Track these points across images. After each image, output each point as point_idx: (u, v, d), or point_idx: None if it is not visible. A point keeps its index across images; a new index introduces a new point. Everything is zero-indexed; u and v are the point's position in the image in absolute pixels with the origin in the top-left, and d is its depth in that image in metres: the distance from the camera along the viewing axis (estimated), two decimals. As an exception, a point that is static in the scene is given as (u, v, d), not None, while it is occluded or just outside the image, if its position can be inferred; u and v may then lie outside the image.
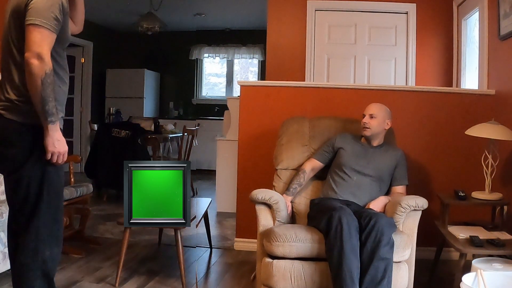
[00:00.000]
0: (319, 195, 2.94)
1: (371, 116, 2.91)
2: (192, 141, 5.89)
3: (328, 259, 2.33)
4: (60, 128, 1.98)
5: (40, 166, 1.93)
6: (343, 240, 2.27)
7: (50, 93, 1.83)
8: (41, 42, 1.81)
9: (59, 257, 2.07)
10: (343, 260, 2.24)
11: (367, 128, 2.90)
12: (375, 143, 2.97)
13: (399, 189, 2.88)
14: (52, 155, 1.91)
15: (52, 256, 2.00)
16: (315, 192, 3.01)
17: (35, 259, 1.94)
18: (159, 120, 6.64)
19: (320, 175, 3.07)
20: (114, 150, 5.41)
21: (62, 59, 2.01)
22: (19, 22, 1.86)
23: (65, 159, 1.97)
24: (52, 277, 2.02)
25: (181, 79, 8.89)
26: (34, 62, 1.79)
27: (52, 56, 1.89)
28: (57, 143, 1.90)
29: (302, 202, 2.98)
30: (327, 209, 2.47)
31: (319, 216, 2.52)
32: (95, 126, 6.08)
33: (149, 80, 8.48)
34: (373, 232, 2.30)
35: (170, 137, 6.43)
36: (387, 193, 2.92)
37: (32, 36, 1.81)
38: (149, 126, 6.19)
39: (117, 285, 2.87)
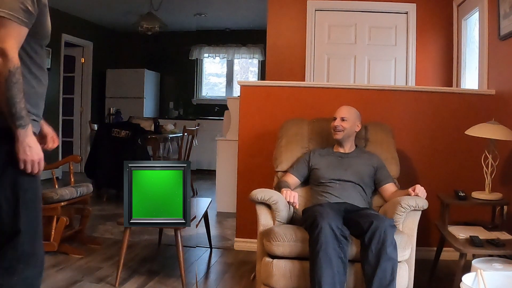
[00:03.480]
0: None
1: (343, 119, 2.94)
2: (192, 141, 5.89)
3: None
4: (35, 133, 1.74)
5: (12, 175, 1.69)
6: (317, 248, 2.26)
7: (16, 93, 1.61)
8: (5, 36, 1.58)
9: (41, 278, 1.79)
10: (314, 269, 2.25)
11: (339, 131, 2.93)
12: (348, 147, 3.00)
13: (391, 186, 2.90)
14: (25, 163, 1.67)
15: (32, 277, 1.74)
16: (309, 201, 2.99)
17: (9, 279, 1.68)
18: (159, 120, 6.64)
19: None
20: (114, 150, 5.41)
21: (39, 57, 1.78)
22: None
23: (42, 167, 1.72)
24: None
25: (181, 79, 8.90)
26: None
27: (26, 52, 1.69)
28: (28, 149, 1.66)
29: (300, 209, 2.96)
30: (313, 214, 2.47)
31: (306, 219, 2.53)
32: (95, 126, 6.09)
33: (149, 80, 8.49)
34: (377, 233, 2.29)
35: (170, 137, 6.43)
36: (374, 193, 2.95)
37: None
38: (149, 126, 6.19)
39: (117, 285, 2.87)
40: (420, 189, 2.61)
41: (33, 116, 1.75)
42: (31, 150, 1.67)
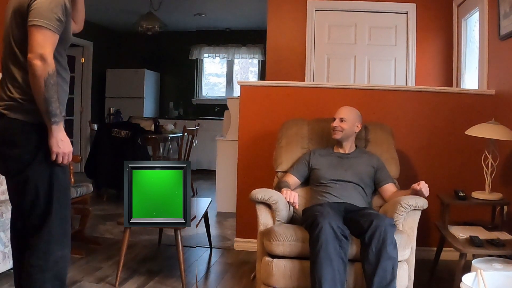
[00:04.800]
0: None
1: (342, 120, 2.94)
2: (192, 141, 5.89)
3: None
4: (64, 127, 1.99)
5: (47, 166, 1.92)
6: (318, 248, 2.26)
7: (53, 94, 1.83)
8: (44, 43, 1.81)
9: (69, 256, 2.06)
10: (315, 269, 2.25)
11: (338, 131, 2.93)
12: (347, 147, 3.00)
13: (391, 186, 2.90)
14: (57, 155, 1.90)
15: (63, 256, 1.98)
16: (309, 201, 2.99)
17: (46, 260, 1.93)
18: (159, 120, 6.64)
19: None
20: (114, 150, 5.41)
21: (63, 59, 2.02)
22: (21, 22, 1.86)
23: (70, 159, 1.96)
24: (64, 279, 2.00)
25: (181, 79, 8.90)
26: (37, 63, 1.79)
27: (54, 56, 1.89)
28: (61, 143, 1.89)
29: (300, 209, 2.95)
30: (313, 213, 2.47)
31: (306, 219, 2.54)
32: (95, 126, 6.09)
33: (149, 80, 8.49)
34: (377, 232, 2.29)
35: (170, 137, 6.44)
36: (374, 193, 2.95)
37: (35, 37, 1.81)
38: (149, 126, 6.19)
39: (117, 285, 2.87)
40: (424, 186, 2.60)
41: (63, 112, 1.99)
42: (63, 144, 1.91)
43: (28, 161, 1.89)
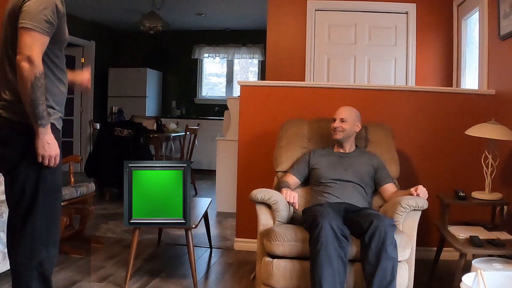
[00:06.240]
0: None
1: (342, 120, 2.95)
2: (195, 140, 5.90)
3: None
4: (58, 129, 2.00)
5: (36, 166, 1.93)
6: (318, 248, 2.26)
7: (40, 96, 1.83)
8: (32, 45, 1.81)
9: (56, 258, 2.08)
10: (315, 269, 2.26)
11: (340, 132, 2.94)
12: (348, 147, 3.00)
13: (391, 186, 2.91)
14: (43, 158, 1.91)
15: (49, 257, 2.00)
16: (309, 201, 3.00)
17: (31, 259, 1.95)
18: (162, 119, 6.65)
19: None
20: (117, 149, 5.42)
21: (60, 60, 2.02)
22: (14, 24, 1.87)
23: (57, 162, 1.97)
24: (49, 278, 2.03)
25: (183, 78, 8.90)
26: (24, 65, 1.80)
27: (49, 57, 1.90)
28: (47, 146, 1.90)
29: (300, 209, 2.96)
30: (313, 214, 2.47)
31: (306, 219, 2.54)
32: (97, 125, 6.10)
33: (152, 79, 8.49)
34: (377, 232, 2.29)
35: (173, 136, 6.44)
36: (374, 193, 2.96)
37: (23, 39, 1.82)
38: (152, 125, 6.20)
39: (126, 287, 2.86)
40: (422, 190, 2.61)
41: (58, 114, 2.01)
42: (50, 147, 1.91)
43: (18, 160, 1.92)
